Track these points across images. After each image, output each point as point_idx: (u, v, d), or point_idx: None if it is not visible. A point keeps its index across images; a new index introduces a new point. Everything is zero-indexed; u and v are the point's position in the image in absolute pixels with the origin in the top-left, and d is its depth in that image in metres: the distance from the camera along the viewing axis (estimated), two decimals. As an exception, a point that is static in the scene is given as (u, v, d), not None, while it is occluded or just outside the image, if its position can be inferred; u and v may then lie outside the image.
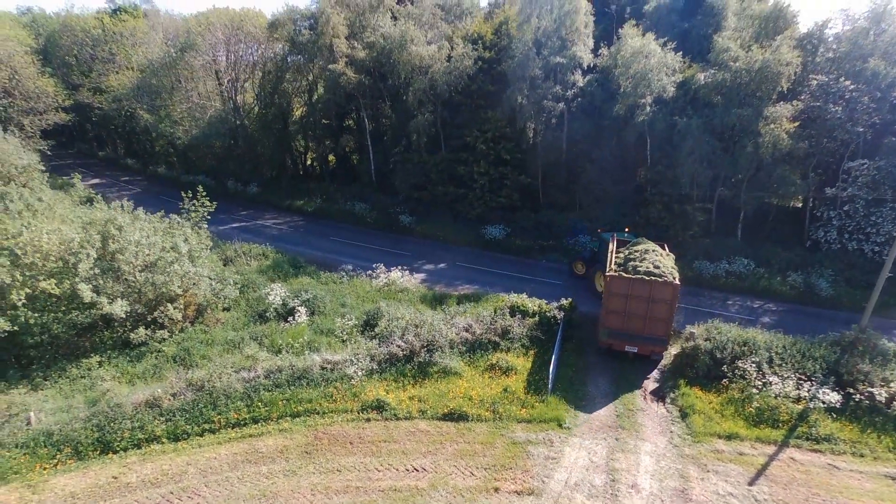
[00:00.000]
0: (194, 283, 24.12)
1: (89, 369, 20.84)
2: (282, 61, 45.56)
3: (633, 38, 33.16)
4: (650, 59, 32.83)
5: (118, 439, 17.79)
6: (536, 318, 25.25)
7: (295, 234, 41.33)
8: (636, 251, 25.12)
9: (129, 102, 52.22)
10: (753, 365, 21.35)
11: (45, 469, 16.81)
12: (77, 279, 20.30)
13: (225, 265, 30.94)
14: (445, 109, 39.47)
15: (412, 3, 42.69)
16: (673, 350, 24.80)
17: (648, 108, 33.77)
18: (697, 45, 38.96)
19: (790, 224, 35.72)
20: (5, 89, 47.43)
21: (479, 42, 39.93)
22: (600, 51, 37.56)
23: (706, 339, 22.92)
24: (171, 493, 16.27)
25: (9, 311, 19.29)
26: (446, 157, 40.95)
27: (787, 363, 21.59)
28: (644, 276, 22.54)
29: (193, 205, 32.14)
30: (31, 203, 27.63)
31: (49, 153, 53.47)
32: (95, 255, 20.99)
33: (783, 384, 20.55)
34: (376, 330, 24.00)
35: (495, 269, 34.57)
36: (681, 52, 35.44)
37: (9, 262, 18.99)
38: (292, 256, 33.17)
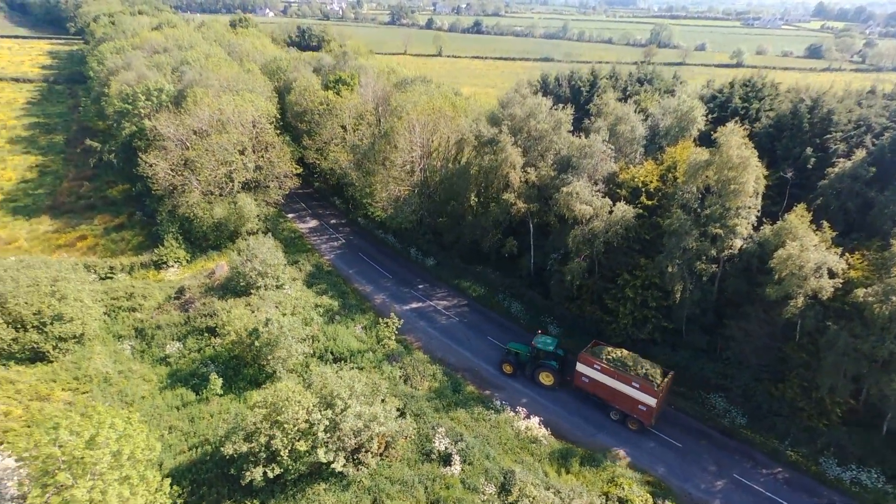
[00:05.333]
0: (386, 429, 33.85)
1: (318, 494, 31.82)
2: (465, 169, 52.95)
3: (793, 241, 33.85)
4: (809, 257, 33.44)
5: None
6: (640, 516, 30.71)
7: (460, 325, 49.80)
8: (629, 358, 38.37)
9: (342, 170, 64.29)
10: None
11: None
12: (317, 441, 30.94)
13: (405, 382, 40.65)
14: (601, 253, 43.60)
15: (586, 136, 46.22)
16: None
17: (801, 301, 34.57)
18: (879, 221, 37.55)
19: (945, 435, 34.67)
20: (258, 165, 61.80)
21: (643, 189, 42.77)
22: (763, 225, 38.16)
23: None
24: None
25: (278, 459, 30.61)
26: (598, 283, 45.47)
27: None
28: (665, 383, 37.29)
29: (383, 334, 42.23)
30: (283, 326, 39.51)
31: (282, 201, 68.39)
32: (328, 422, 31.39)
33: None
34: (509, 500, 31.59)
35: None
36: (855, 233, 35.05)
37: (280, 434, 30.05)
38: (455, 380, 41.73)
